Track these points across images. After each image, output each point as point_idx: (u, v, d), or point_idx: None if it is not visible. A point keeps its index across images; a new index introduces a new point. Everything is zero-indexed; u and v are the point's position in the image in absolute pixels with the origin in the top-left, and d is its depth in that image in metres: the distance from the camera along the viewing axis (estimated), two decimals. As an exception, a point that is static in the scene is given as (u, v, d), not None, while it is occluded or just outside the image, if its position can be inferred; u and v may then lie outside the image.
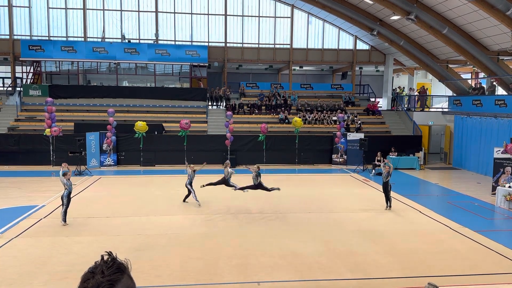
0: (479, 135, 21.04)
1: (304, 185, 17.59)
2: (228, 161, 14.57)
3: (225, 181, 13.71)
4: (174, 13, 27.79)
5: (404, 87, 30.70)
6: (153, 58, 26.24)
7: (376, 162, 20.75)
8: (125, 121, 23.06)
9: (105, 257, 1.62)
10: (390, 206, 13.63)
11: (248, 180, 13.65)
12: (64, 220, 11.35)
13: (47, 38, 26.68)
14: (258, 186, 13.25)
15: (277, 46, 28.80)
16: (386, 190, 13.60)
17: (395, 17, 22.56)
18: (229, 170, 13.78)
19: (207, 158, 21.79)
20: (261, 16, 28.52)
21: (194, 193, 13.48)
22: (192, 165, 13.76)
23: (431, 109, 27.76)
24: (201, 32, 28.26)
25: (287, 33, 28.80)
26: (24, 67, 27.05)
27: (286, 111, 25.77)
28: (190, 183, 13.58)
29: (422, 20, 20.43)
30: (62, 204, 11.38)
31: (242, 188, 13.43)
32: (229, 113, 22.04)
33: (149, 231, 11.18)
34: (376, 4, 22.02)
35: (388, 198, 13.66)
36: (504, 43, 19.66)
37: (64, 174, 11.37)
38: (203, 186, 13.67)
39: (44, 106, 21.21)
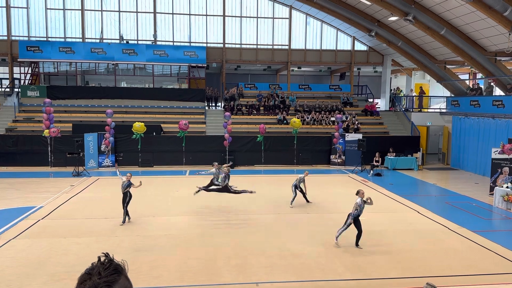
0: (477, 135, 21.09)
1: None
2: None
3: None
4: (173, 14, 27.79)
5: (401, 90, 30.72)
6: (151, 59, 26.23)
7: (374, 163, 20.78)
8: (123, 122, 23.03)
9: (102, 258, 1.62)
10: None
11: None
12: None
13: (45, 39, 26.63)
14: (224, 188, 13.24)
15: (275, 47, 28.83)
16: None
17: (393, 18, 22.60)
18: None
19: (205, 159, 21.95)
20: (259, 17, 28.53)
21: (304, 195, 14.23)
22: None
23: (429, 110, 27.82)
24: (199, 33, 28.26)
25: (285, 34, 28.82)
26: (22, 68, 26.96)
27: (284, 112, 25.79)
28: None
29: (420, 21, 20.48)
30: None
31: (207, 188, 13.42)
32: (227, 113, 22.05)
33: (147, 231, 11.17)
34: (374, 5, 22.07)
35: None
36: (501, 44, 19.71)
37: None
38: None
39: (42, 107, 21.18)
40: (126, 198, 11.75)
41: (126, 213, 11.80)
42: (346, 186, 17.72)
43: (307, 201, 14.22)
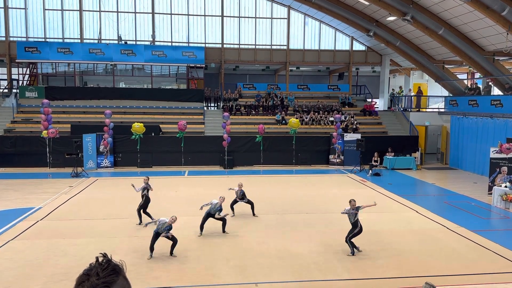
0: (475, 135, 21.12)
1: (302, 185, 17.60)
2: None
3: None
4: (171, 14, 27.78)
5: (403, 90, 30.72)
6: (149, 60, 26.21)
7: (373, 163, 20.79)
8: (122, 122, 23.01)
9: (100, 259, 1.62)
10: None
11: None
12: (141, 219, 11.76)
13: (43, 39, 26.60)
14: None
15: (274, 47, 28.84)
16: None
17: (391, 18, 22.63)
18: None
19: (204, 159, 21.96)
20: (257, 17, 28.54)
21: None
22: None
23: (428, 110, 27.85)
24: (197, 33, 28.26)
25: (283, 34, 28.84)
26: (20, 69, 26.96)
27: (283, 112, 25.79)
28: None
29: (418, 21, 20.51)
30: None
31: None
32: (226, 114, 22.03)
33: (146, 232, 11.14)
34: (372, 5, 22.09)
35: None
36: (499, 44, 19.75)
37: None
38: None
39: (40, 107, 21.13)
40: (141, 201, 11.79)
41: (140, 216, 11.80)
42: (345, 186, 17.72)
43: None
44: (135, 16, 27.53)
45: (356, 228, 9.64)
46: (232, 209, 12.79)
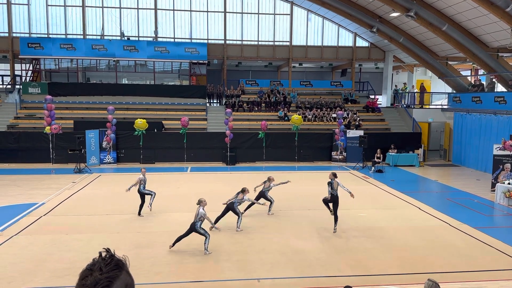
0: (478, 132, 21.04)
1: (304, 182, 17.60)
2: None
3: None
4: (173, 10, 27.73)
5: (407, 87, 30.59)
6: (152, 56, 26.20)
7: (375, 159, 20.76)
8: (125, 118, 23.04)
9: (103, 254, 1.62)
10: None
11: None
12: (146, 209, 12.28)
13: (46, 35, 26.62)
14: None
15: (276, 43, 28.76)
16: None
17: (395, 14, 22.52)
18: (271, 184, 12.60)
19: (207, 155, 21.99)
20: (260, 13, 28.47)
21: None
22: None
23: (431, 106, 27.76)
24: (200, 30, 28.21)
25: (286, 30, 28.75)
26: (23, 65, 27.00)
27: (285, 108, 25.76)
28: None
29: (421, 17, 20.40)
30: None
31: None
32: (228, 110, 22.03)
33: (149, 228, 11.20)
34: (376, 1, 21.99)
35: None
36: (503, 40, 19.64)
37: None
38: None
39: (43, 103, 21.20)
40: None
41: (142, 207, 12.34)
42: (347, 182, 17.66)
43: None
44: (137, 12, 27.50)
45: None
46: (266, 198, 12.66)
